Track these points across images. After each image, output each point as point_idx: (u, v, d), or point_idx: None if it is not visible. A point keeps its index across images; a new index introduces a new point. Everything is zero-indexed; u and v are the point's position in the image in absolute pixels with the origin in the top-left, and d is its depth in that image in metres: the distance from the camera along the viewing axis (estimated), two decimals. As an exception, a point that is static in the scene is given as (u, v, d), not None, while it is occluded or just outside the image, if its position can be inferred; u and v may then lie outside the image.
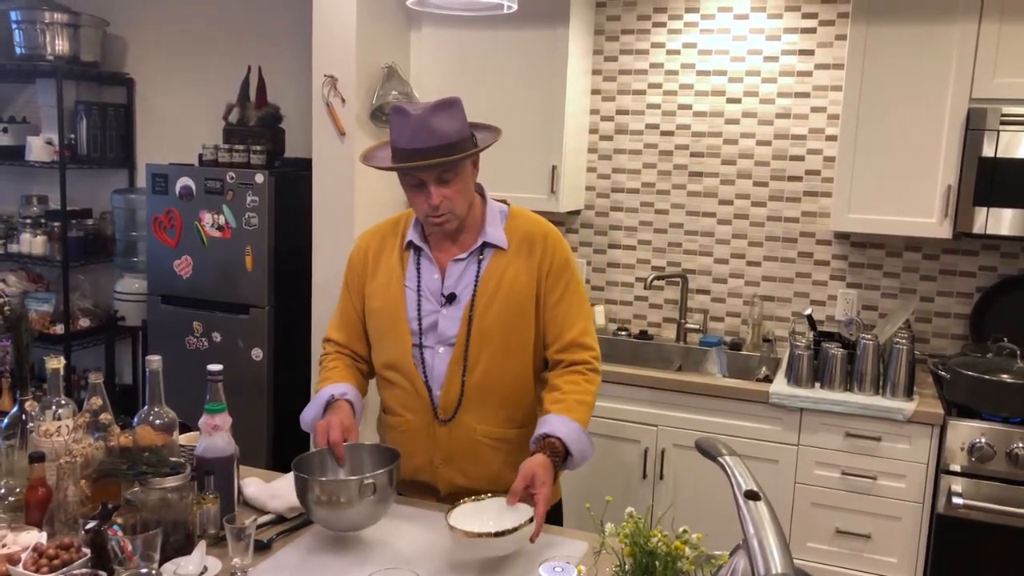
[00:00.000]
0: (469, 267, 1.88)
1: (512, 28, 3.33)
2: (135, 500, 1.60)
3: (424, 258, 1.90)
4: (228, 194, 3.51)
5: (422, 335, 1.87)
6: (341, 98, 3.21)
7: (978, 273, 3.19)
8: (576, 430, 1.77)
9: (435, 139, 1.71)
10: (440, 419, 1.89)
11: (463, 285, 1.87)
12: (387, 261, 1.94)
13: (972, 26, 2.80)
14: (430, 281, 1.89)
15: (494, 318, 1.84)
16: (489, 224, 1.89)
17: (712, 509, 2.98)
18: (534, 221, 1.93)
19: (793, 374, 2.94)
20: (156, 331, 3.78)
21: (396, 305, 1.89)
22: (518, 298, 1.86)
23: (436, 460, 1.90)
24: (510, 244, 1.88)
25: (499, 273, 1.86)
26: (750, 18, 3.35)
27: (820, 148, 3.32)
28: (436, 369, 1.87)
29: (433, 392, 1.88)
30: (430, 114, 1.72)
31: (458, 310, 1.86)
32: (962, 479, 2.68)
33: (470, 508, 1.64)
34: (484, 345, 1.84)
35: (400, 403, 1.94)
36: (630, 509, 1.32)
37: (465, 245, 1.89)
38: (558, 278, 1.88)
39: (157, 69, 4.29)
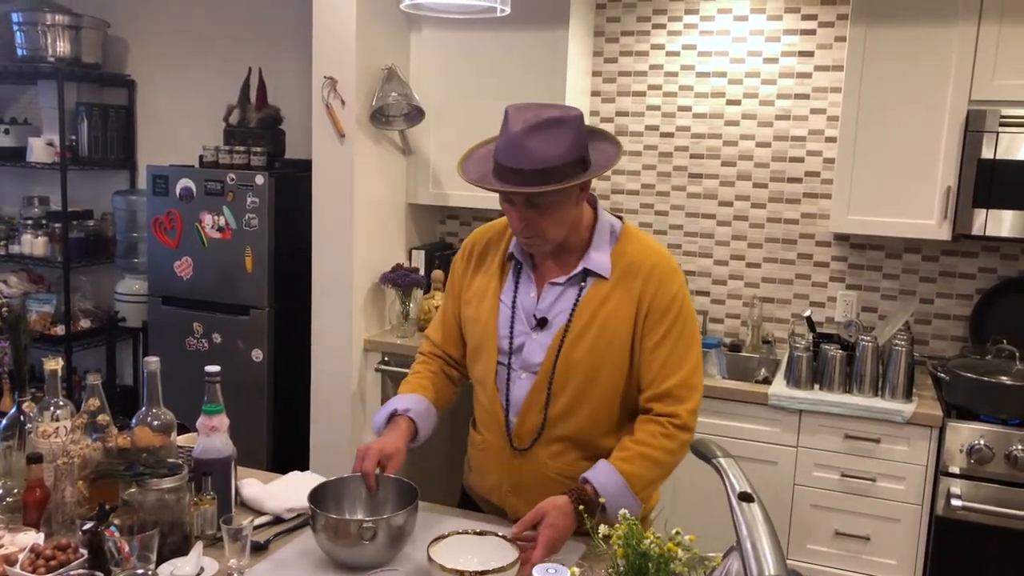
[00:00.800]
0: (567, 292, 1.74)
1: (512, 30, 3.34)
2: (132, 501, 1.60)
3: (524, 272, 1.78)
4: (228, 195, 3.52)
5: (511, 355, 1.76)
6: (341, 100, 3.22)
7: (978, 275, 3.19)
8: (618, 484, 1.63)
9: (529, 162, 1.55)
10: (514, 447, 1.78)
11: (557, 311, 1.73)
12: (488, 268, 1.84)
13: (971, 28, 2.80)
14: (526, 299, 1.77)
15: (584, 352, 1.69)
16: (595, 248, 1.73)
17: (711, 511, 2.97)
18: (645, 248, 1.74)
19: (792, 376, 2.94)
20: (156, 332, 3.79)
21: (489, 319, 1.78)
22: (613, 334, 1.69)
23: (505, 487, 1.81)
24: (613, 272, 1.71)
25: (597, 304, 1.71)
26: (749, 20, 3.35)
27: (820, 150, 3.32)
28: (515, 395, 1.76)
29: (509, 418, 1.78)
30: (531, 133, 1.55)
31: (547, 337, 1.73)
32: (961, 481, 2.68)
33: (456, 542, 1.58)
34: (569, 379, 1.70)
35: (482, 421, 1.86)
36: (623, 511, 1.33)
37: (567, 268, 1.74)
38: (661, 318, 1.69)
39: (158, 70, 4.30)
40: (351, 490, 1.71)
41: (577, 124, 1.61)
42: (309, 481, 1.94)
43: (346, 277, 3.35)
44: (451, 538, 1.58)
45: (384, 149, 3.45)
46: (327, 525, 1.56)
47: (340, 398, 3.40)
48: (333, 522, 1.56)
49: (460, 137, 3.45)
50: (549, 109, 1.60)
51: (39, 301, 4.22)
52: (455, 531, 1.60)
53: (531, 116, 1.57)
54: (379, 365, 3.40)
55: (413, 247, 3.71)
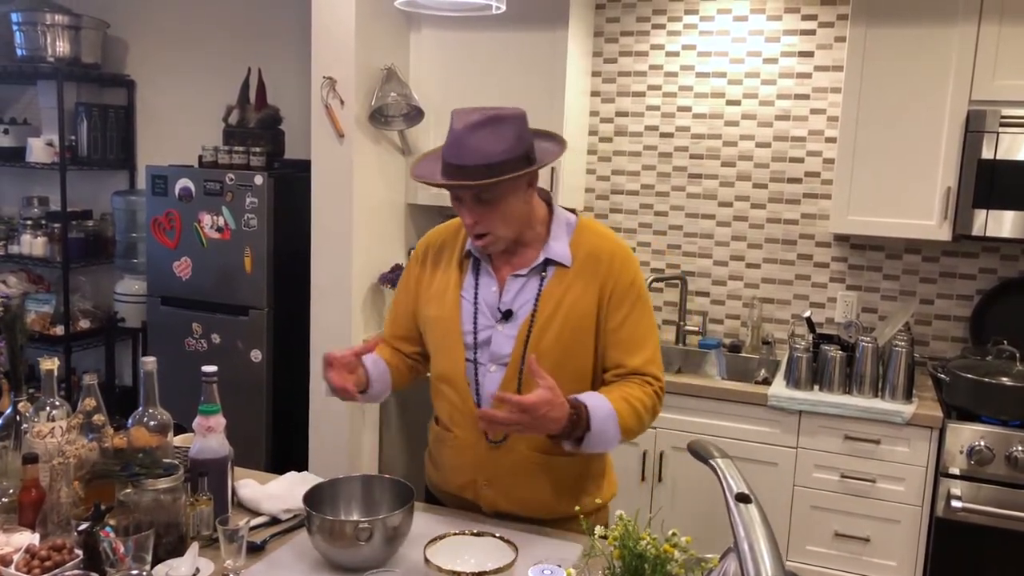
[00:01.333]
0: (529, 284, 1.77)
1: (512, 30, 3.33)
2: (128, 501, 1.59)
3: (483, 268, 1.81)
4: (227, 196, 3.52)
5: (476, 350, 1.78)
6: (340, 100, 3.21)
7: (978, 275, 3.18)
8: (608, 409, 1.64)
9: (473, 158, 1.61)
10: (488, 439, 1.78)
11: (521, 302, 1.76)
12: (445, 267, 1.85)
13: (972, 28, 2.80)
14: (487, 294, 1.79)
15: (552, 340, 1.73)
16: (554, 238, 1.77)
17: (712, 512, 2.97)
18: (602, 237, 1.81)
19: (792, 376, 2.93)
20: (156, 332, 3.79)
21: (451, 316, 1.80)
22: (579, 320, 1.74)
23: (481, 481, 1.81)
24: (574, 261, 1.76)
25: (560, 292, 1.75)
26: (749, 20, 3.34)
27: (820, 150, 3.31)
28: (487, 388, 1.77)
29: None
30: (473, 130, 1.61)
31: (514, 328, 1.75)
32: (961, 482, 2.67)
33: (453, 543, 1.58)
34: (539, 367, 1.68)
35: (450, 417, 1.85)
36: (619, 512, 1.32)
37: (526, 260, 1.78)
38: (622, 300, 1.75)
39: (157, 71, 4.30)
40: (347, 491, 1.71)
41: (519, 121, 1.65)
42: (306, 482, 1.93)
43: (345, 277, 3.34)
44: (448, 539, 1.57)
45: (383, 149, 3.44)
46: (323, 526, 1.55)
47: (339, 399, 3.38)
48: (328, 523, 1.55)
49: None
50: (492, 109, 1.65)
51: (38, 301, 4.22)
52: (452, 532, 1.60)
53: (474, 115, 1.63)
54: (378, 366, 3.39)
55: (412, 247, 3.70)
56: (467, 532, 1.60)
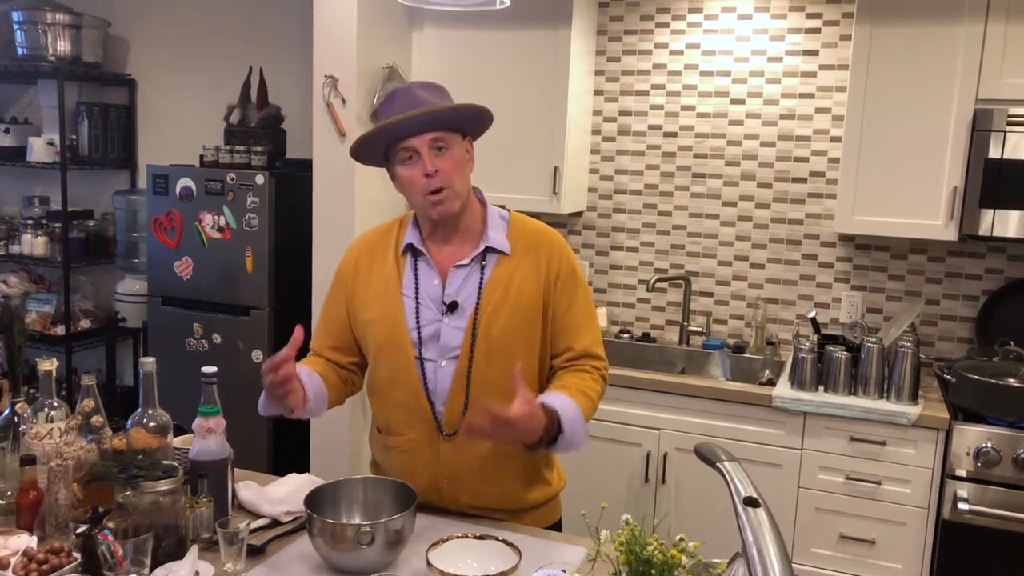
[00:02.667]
0: (472, 274, 1.79)
1: (514, 28, 3.31)
2: (127, 504, 1.58)
3: (423, 262, 1.81)
4: (228, 195, 3.50)
5: (422, 346, 1.77)
6: (342, 99, 3.20)
7: (984, 276, 3.16)
8: (574, 408, 1.69)
9: (424, 103, 1.70)
10: (445, 434, 1.78)
11: (466, 293, 1.78)
12: (380, 269, 1.84)
13: (978, 26, 2.77)
14: (429, 288, 1.79)
15: (501, 328, 1.75)
16: (491, 228, 1.81)
17: (715, 514, 2.95)
18: (537, 227, 1.86)
19: (797, 377, 2.91)
20: (156, 332, 3.77)
21: (394, 314, 1.79)
22: (527, 305, 1.77)
23: (441, 480, 1.80)
24: (514, 250, 1.80)
25: (505, 280, 1.78)
26: (754, 18, 3.32)
27: (825, 149, 3.29)
28: (439, 384, 1.77)
29: (436, 407, 1.78)
30: (417, 88, 1.74)
31: (461, 320, 1.76)
32: (968, 484, 2.65)
33: (454, 546, 1.57)
34: (490, 357, 1.74)
35: (401, 421, 1.82)
36: (626, 516, 1.30)
37: (466, 251, 1.80)
38: (566, 286, 1.80)
39: (158, 70, 4.28)
40: (348, 493, 1.69)
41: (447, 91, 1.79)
42: (307, 484, 1.91)
43: (347, 277, 3.32)
44: (450, 542, 1.56)
45: (385, 148, 3.42)
46: (324, 529, 1.53)
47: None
48: (330, 526, 1.53)
49: (462, 136, 3.42)
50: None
51: (39, 301, 4.20)
52: (454, 535, 1.58)
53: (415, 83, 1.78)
54: (380, 366, 3.37)
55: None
56: (470, 535, 1.58)
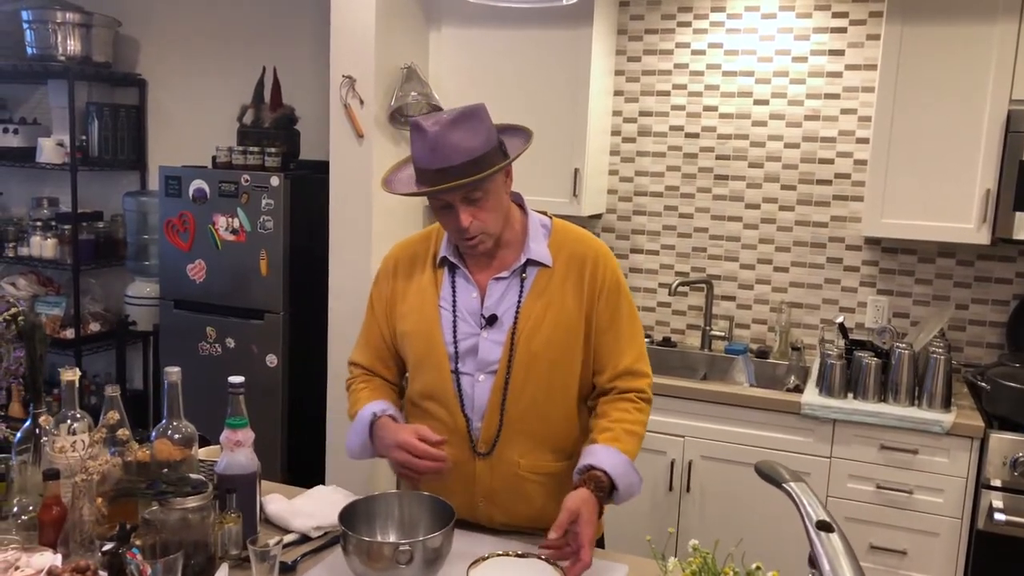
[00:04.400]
0: (511, 287, 1.73)
1: (533, 28, 3.25)
2: (154, 520, 1.52)
3: (460, 275, 1.76)
4: (243, 197, 3.44)
5: (459, 360, 1.72)
6: (360, 99, 3.14)
7: (1015, 280, 3.10)
8: (624, 463, 1.64)
9: (457, 156, 1.57)
10: (479, 453, 1.73)
11: (505, 306, 1.72)
12: (418, 280, 1.79)
13: (1012, 25, 2.71)
14: (467, 301, 1.74)
15: (542, 342, 1.69)
16: (532, 239, 1.74)
17: (742, 523, 2.89)
18: (582, 237, 1.79)
19: (825, 384, 2.85)
20: (168, 336, 3.71)
21: (431, 328, 1.74)
22: (568, 321, 1.71)
23: (477, 497, 1.75)
24: (555, 261, 1.73)
25: (546, 293, 1.72)
26: (778, 17, 3.26)
27: (850, 151, 3.23)
28: (476, 399, 1.72)
29: (472, 423, 1.73)
30: (448, 129, 1.57)
31: (500, 334, 1.71)
32: (1004, 494, 2.59)
33: (496, 564, 1.52)
34: (529, 372, 1.69)
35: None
36: (694, 542, 1.24)
37: (506, 263, 1.74)
38: (610, 300, 1.74)
39: (170, 70, 4.23)
40: (383, 509, 1.63)
41: (484, 114, 1.63)
42: (335, 496, 1.86)
43: (364, 281, 3.25)
44: (491, 560, 1.50)
45: (402, 150, 3.36)
46: (360, 547, 1.47)
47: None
48: (366, 544, 1.48)
49: (480, 138, 3.36)
50: (453, 110, 1.61)
51: (48, 304, 4.14)
52: (495, 552, 1.52)
53: (441, 117, 1.59)
54: (397, 371, 3.31)
55: (431, 250, 3.62)
56: (511, 553, 1.52)
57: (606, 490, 1.61)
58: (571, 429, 1.77)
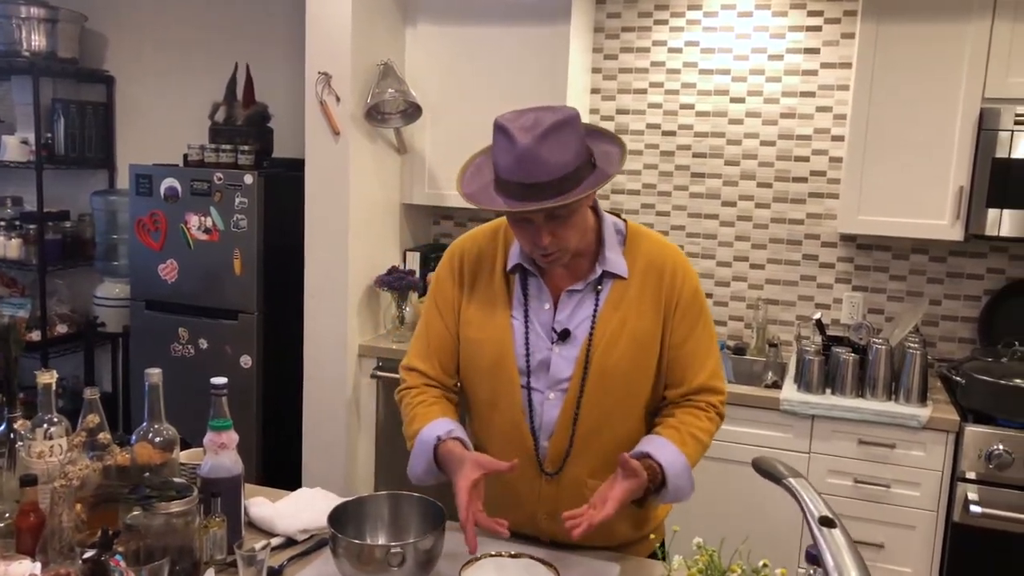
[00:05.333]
0: (586, 299, 1.62)
1: (510, 24, 3.24)
2: (137, 525, 1.48)
3: (533, 283, 1.64)
4: (216, 195, 3.38)
5: (531, 375, 1.62)
6: (336, 96, 3.10)
7: (986, 275, 3.14)
8: (682, 463, 1.56)
9: (546, 173, 1.43)
10: (546, 473, 1.65)
11: (578, 320, 1.61)
12: (487, 282, 1.68)
13: (985, 24, 2.75)
14: (540, 312, 1.63)
15: (617, 359, 1.60)
16: (608, 248, 1.63)
17: (724, 516, 2.90)
18: (659, 245, 1.67)
19: (803, 380, 2.87)
20: (139, 337, 3.64)
21: (503, 340, 1.63)
22: (643, 338, 1.61)
23: (540, 515, 1.66)
24: (632, 272, 1.63)
25: (622, 307, 1.61)
26: (754, 15, 3.28)
27: (826, 149, 3.25)
28: (546, 417, 1.62)
29: (540, 443, 1.64)
30: (540, 142, 1.42)
31: (573, 349, 1.60)
32: (979, 487, 2.62)
33: (490, 565, 1.49)
34: (602, 391, 1.60)
35: (500, 451, 1.64)
36: (698, 540, 1.23)
37: (580, 273, 1.63)
38: (687, 313, 1.63)
39: (138, 66, 4.14)
40: (372, 510, 1.60)
41: (577, 123, 1.50)
42: (320, 499, 1.83)
43: (340, 280, 3.23)
44: (484, 560, 1.49)
45: (379, 148, 3.33)
46: (350, 550, 1.45)
47: (334, 406, 3.28)
48: (357, 547, 1.45)
49: (457, 135, 3.35)
50: (546, 113, 1.47)
51: (13, 306, 4.03)
52: (488, 553, 1.50)
53: (531, 123, 1.44)
54: (374, 371, 3.28)
55: (407, 249, 3.59)
56: (504, 553, 1.51)
57: (656, 483, 1.54)
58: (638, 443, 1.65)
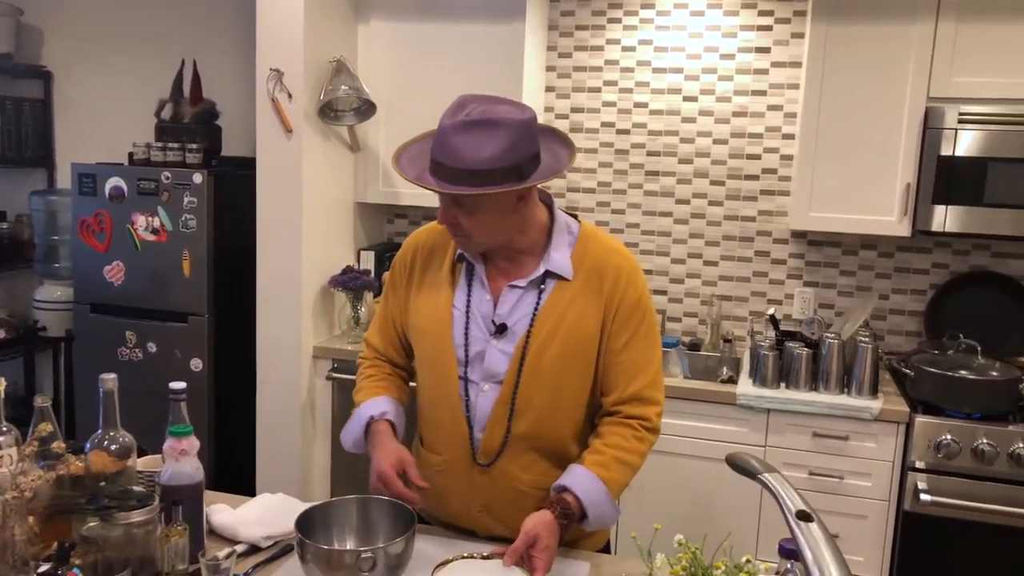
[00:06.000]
0: (527, 297, 1.64)
1: (464, 21, 3.22)
2: (94, 537, 1.43)
3: (476, 276, 1.67)
4: (163, 195, 3.30)
5: (468, 366, 1.65)
6: (288, 93, 3.04)
7: (931, 270, 3.23)
8: (600, 492, 1.56)
9: (454, 160, 1.47)
10: (479, 464, 1.66)
11: (517, 316, 1.63)
12: (435, 273, 1.71)
13: (929, 25, 2.82)
14: (480, 303, 1.65)
15: (551, 359, 1.61)
16: (554, 248, 1.64)
17: (680, 513, 2.93)
18: (607, 248, 1.67)
19: (759, 375, 2.91)
20: (84, 342, 3.53)
21: (443, 328, 1.66)
22: (581, 338, 1.62)
23: (475, 508, 1.69)
24: (576, 274, 1.63)
25: (561, 308, 1.62)
26: (706, 15, 3.31)
27: (777, 147, 3.31)
28: (480, 409, 1.64)
29: (474, 434, 1.66)
30: (461, 130, 1.46)
31: (509, 345, 1.62)
32: (928, 476, 2.69)
33: (462, 567, 1.49)
34: (536, 388, 1.61)
35: (439, 440, 1.71)
36: (679, 537, 1.23)
37: (524, 271, 1.64)
38: (627, 320, 1.63)
39: (78, 62, 4.02)
40: (340, 515, 1.57)
41: (519, 129, 1.48)
42: (283, 504, 1.80)
43: (293, 280, 3.17)
44: (456, 562, 1.47)
45: (332, 145, 3.28)
46: (319, 556, 1.42)
47: (288, 409, 3.22)
48: (326, 553, 1.42)
49: (411, 133, 3.26)
50: (497, 108, 1.48)
51: (-54, 311, 3.90)
52: (459, 555, 1.49)
53: (474, 110, 1.47)
54: (330, 373, 3.23)
55: (361, 248, 3.55)
56: (475, 555, 1.49)
57: (573, 517, 1.55)
58: (574, 447, 1.69)
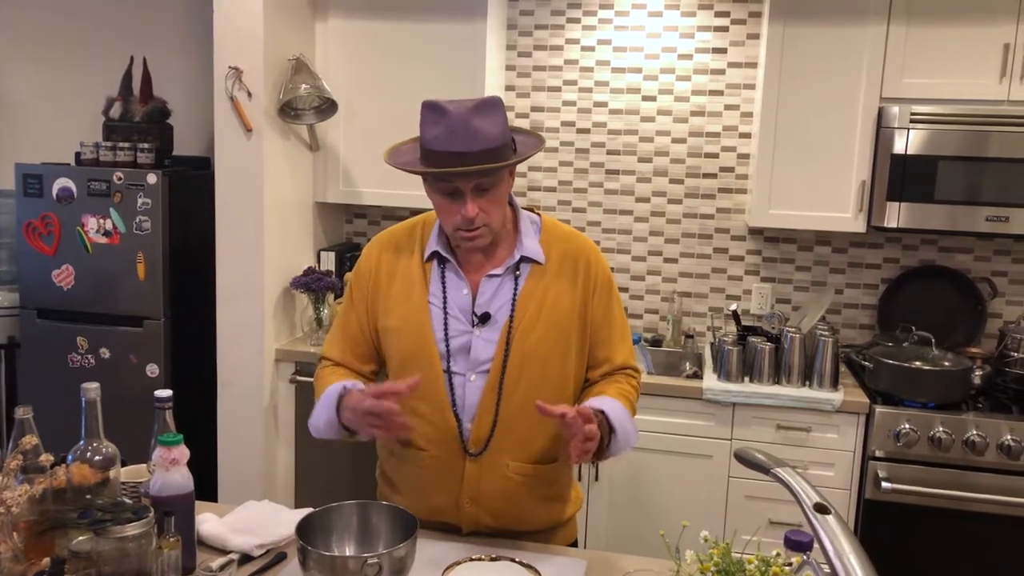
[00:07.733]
0: (505, 284, 1.69)
1: (425, 20, 3.20)
2: (86, 552, 1.38)
3: (450, 271, 1.70)
4: (115, 196, 3.20)
5: (450, 359, 1.67)
6: (247, 92, 2.98)
7: (883, 265, 3.33)
8: (624, 412, 1.65)
9: (478, 142, 1.53)
10: (470, 453, 1.68)
11: (498, 304, 1.68)
12: (404, 273, 1.73)
13: (881, 28, 2.91)
14: (458, 298, 1.69)
15: (536, 341, 1.66)
16: (525, 236, 1.71)
17: (651, 509, 2.97)
18: (572, 234, 1.78)
19: (723, 369, 2.97)
20: (31, 348, 3.40)
21: (420, 323, 1.68)
22: (563, 318, 1.69)
23: (463, 499, 1.70)
24: (548, 259, 1.71)
25: (540, 292, 1.69)
26: (664, 15, 3.36)
27: (734, 145, 3.37)
28: (468, 399, 1.67)
29: (463, 424, 1.67)
30: (473, 114, 1.54)
31: (494, 332, 1.66)
32: (888, 464, 2.78)
33: (469, 570, 1.49)
34: (523, 372, 1.66)
35: (423, 436, 1.69)
36: (704, 533, 1.25)
37: (499, 259, 1.71)
38: (603, 297, 1.74)
39: (19, 58, 3.86)
40: (339, 522, 1.55)
41: (503, 107, 1.63)
42: (271, 511, 1.77)
43: (255, 282, 3.11)
44: (465, 565, 1.46)
45: (292, 145, 3.23)
46: (322, 563, 1.40)
47: (250, 413, 3.16)
48: (330, 560, 1.40)
49: (371, 132, 3.29)
50: (472, 99, 1.60)
51: None
52: (468, 558, 1.48)
53: (462, 102, 1.57)
54: (293, 376, 3.18)
55: (321, 248, 3.50)
56: (484, 557, 1.49)
57: (604, 431, 1.60)
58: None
